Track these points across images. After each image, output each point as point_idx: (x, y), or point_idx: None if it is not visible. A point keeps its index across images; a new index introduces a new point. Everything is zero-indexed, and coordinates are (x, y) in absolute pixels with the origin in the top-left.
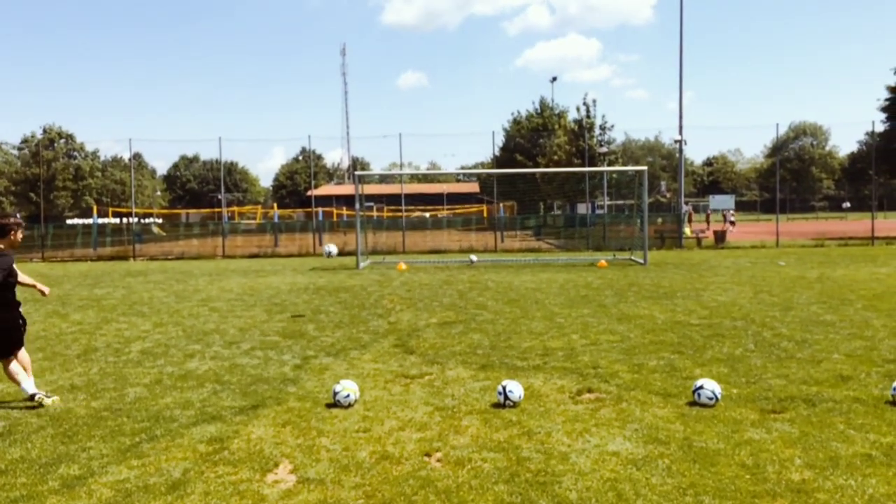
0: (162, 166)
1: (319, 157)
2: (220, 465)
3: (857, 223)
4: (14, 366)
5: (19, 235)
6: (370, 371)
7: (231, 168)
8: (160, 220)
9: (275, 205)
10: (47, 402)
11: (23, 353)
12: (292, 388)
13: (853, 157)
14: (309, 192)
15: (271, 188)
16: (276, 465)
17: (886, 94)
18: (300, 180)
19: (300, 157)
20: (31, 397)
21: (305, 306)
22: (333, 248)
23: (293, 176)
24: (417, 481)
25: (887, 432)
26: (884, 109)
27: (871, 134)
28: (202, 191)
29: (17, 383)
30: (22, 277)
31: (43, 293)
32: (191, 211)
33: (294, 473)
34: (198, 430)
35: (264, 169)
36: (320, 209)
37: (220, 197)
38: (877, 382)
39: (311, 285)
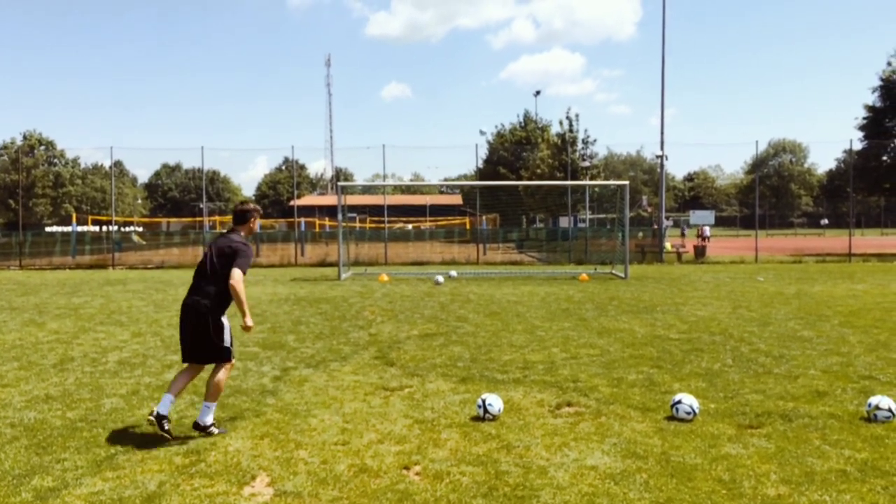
0: (143, 174)
1: (303, 168)
2: (197, 478)
3: (834, 240)
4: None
5: (257, 224)
6: (350, 383)
7: (213, 177)
8: (140, 229)
9: None
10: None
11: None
12: (271, 399)
13: (831, 175)
14: (291, 202)
15: (254, 198)
16: (254, 477)
17: (864, 113)
18: (283, 190)
19: (283, 168)
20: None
21: (286, 317)
22: (440, 278)
23: (276, 186)
24: (396, 495)
25: (862, 448)
26: (862, 128)
27: (850, 152)
28: (184, 200)
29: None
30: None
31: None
32: (172, 220)
33: (271, 486)
34: (174, 442)
35: (247, 178)
36: (303, 219)
37: (201, 206)
38: (852, 398)
39: (291, 296)
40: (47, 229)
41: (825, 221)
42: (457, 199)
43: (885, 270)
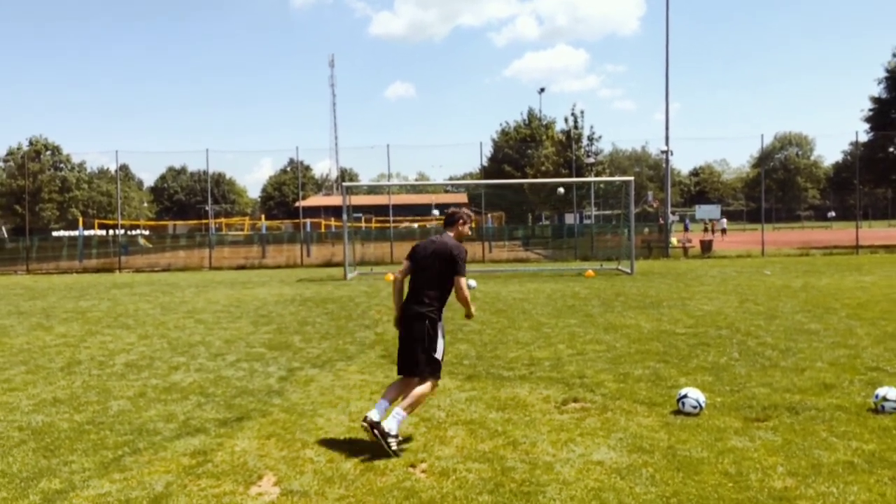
0: (149, 178)
1: (307, 169)
2: (204, 478)
3: (841, 232)
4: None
5: (467, 228)
6: (356, 382)
7: (219, 179)
8: (147, 232)
9: (262, 216)
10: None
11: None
12: (277, 399)
13: (838, 167)
14: (297, 204)
15: (259, 199)
16: (260, 477)
17: (870, 105)
18: (288, 191)
19: (288, 169)
20: (370, 421)
21: (292, 318)
22: (473, 283)
23: (281, 187)
24: (402, 492)
25: (869, 440)
26: (867, 120)
27: (856, 144)
28: (189, 202)
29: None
30: (465, 293)
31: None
32: (178, 222)
33: (278, 486)
34: (181, 442)
35: (252, 180)
36: (308, 220)
37: (207, 208)
38: (860, 390)
39: (298, 297)
40: (54, 234)
41: (832, 214)
42: (462, 198)
43: (892, 262)
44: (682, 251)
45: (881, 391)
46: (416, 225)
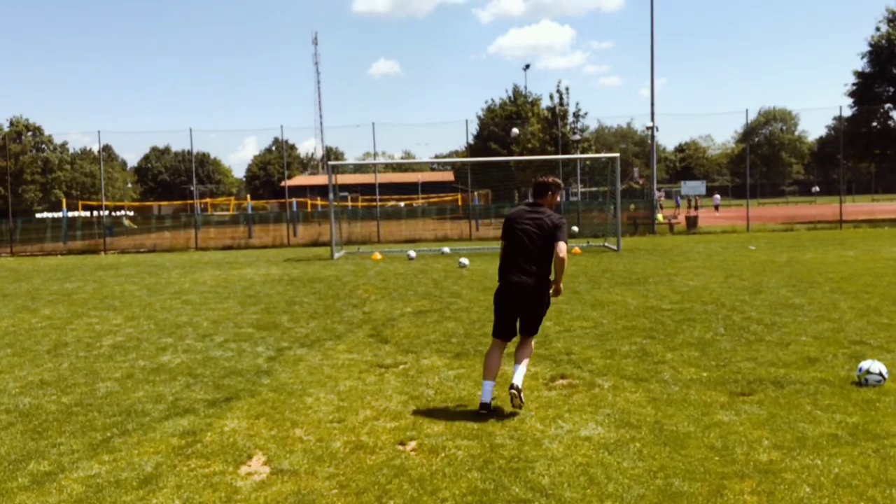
0: (133, 158)
1: (293, 148)
2: (193, 459)
3: (825, 207)
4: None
5: (557, 197)
6: (344, 361)
7: (203, 159)
8: (131, 213)
9: (248, 196)
10: None
11: (531, 346)
12: (266, 379)
13: (822, 142)
14: (283, 183)
15: (244, 179)
16: (250, 457)
17: (853, 79)
18: (273, 171)
19: (273, 148)
20: (484, 405)
21: (280, 298)
22: (465, 260)
23: (266, 166)
24: (391, 470)
25: (853, 412)
26: (851, 94)
27: (839, 119)
28: (174, 182)
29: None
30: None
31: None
32: (163, 203)
33: (268, 465)
34: (170, 423)
35: (237, 160)
36: (294, 199)
37: (192, 188)
38: (843, 364)
39: (285, 276)
40: (38, 216)
41: (816, 189)
42: (449, 176)
43: (875, 236)
44: (668, 227)
45: (864, 364)
46: (402, 203)
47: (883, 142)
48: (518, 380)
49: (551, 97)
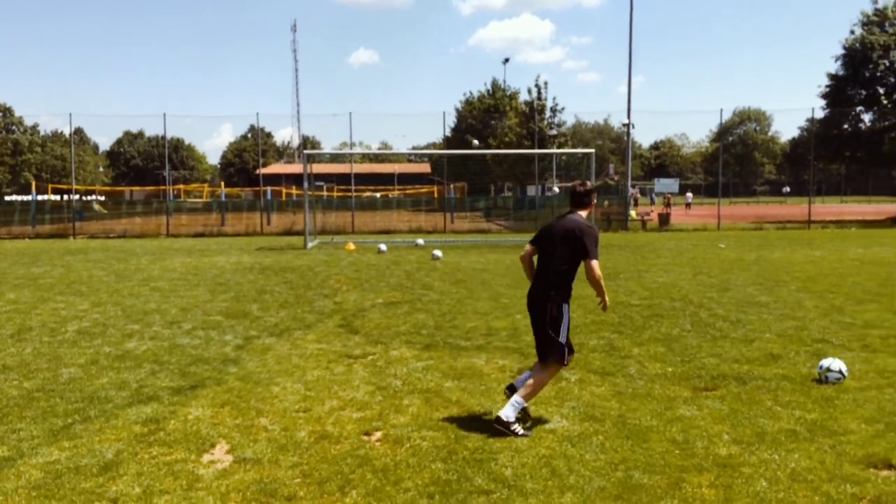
0: (105, 142)
1: (269, 136)
2: (155, 446)
3: (795, 207)
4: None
5: (594, 208)
6: (313, 351)
7: (177, 145)
8: (102, 198)
9: (222, 183)
10: None
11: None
12: (233, 368)
13: (794, 143)
14: (257, 171)
15: (219, 166)
16: (213, 445)
17: (827, 82)
18: (249, 158)
19: (249, 135)
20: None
21: (250, 286)
22: (438, 253)
23: (242, 154)
24: (355, 460)
25: (812, 409)
26: (824, 96)
27: (812, 120)
28: (147, 168)
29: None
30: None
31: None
32: (135, 188)
33: (231, 453)
34: (133, 410)
35: (212, 146)
36: (269, 188)
37: (165, 174)
38: (805, 361)
39: (256, 265)
40: (6, 198)
41: (787, 189)
42: (425, 168)
43: (842, 237)
44: (641, 224)
45: (825, 362)
46: (378, 194)
47: (853, 144)
48: (504, 411)
49: (529, 91)
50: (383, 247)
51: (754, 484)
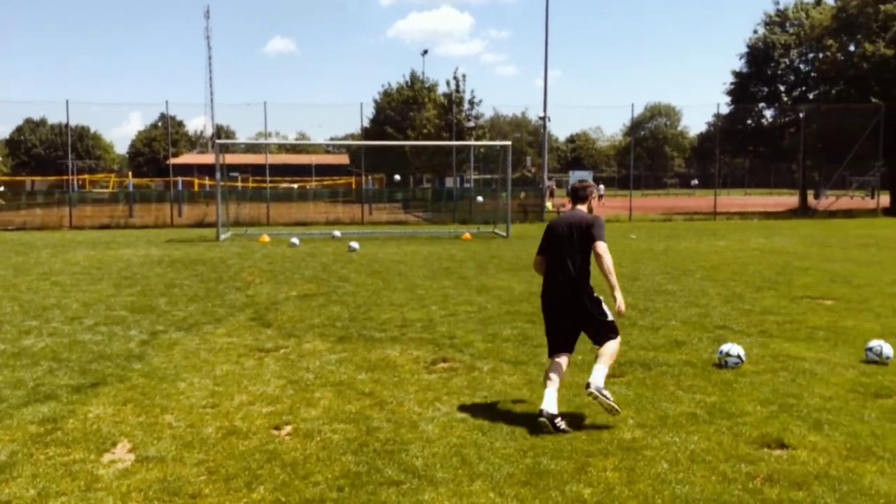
0: (4, 130)
1: (180, 125)
2: (52, 447)
3: (702, 199)
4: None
5: (595, 201)
6: (223, 345)
7: (82, 133)
8: (1, 188)
9: (130, 173)
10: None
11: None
12: (137, 364)
13: (702, 138)
14: (168, 161)
15: (127, 156)
16: (114, 444)
17: (732, 79)
18: (159, 148)
19: (159, 124)
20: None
21: (158, 280)
22: (355, 244)
23: (151, 143)
24: (264, 455)
25: (711, 392)
26: (729, 93)
27: (717, 116)
28: (49, 157)
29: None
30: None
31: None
32: (36, 178)
33: (133, 452)
34: (29, 410)
35: (120, 135)
36: (180, 178)
37: (68, 163)
38: (707, 347)
39: (165, 257)
40: None
41: (695, 182)
42: (343, 159)
43: (745, 227)
44: (557, 215)
45: (725, 347)
46: (295, 186)
47: (756, 139)
48: (595, 378)
49: (448, 84)
50: (296, 240)
51: (656, 466)
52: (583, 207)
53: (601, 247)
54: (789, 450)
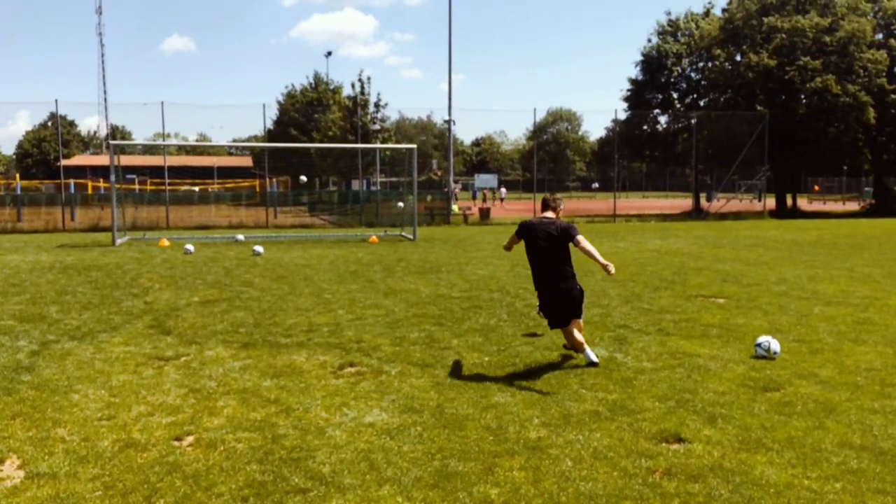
0: None
1: (72, 125)
2: None
3: (602, 202)
4: (578, 333)
5: (561, 209)
6: (119, 354)
7: None
8: None
9: (17, 175)
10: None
11: (580, 323)
12: (27, 376)
13: (601, 142)
14: (59, 162)
15: (14, 157)
16: (2, 461)
17: (628, 86)
18: (49, 149)
19: (49, 124)
20: (593, 363)
21: (49, 287)
22: (260, 248)
23: (41, 144)
24: (164, 467)
25: (613, 390)
26: (626, 99)
27: (615, 121)
28: None
29: (580, 348)
30: (588, 248)
31: (608, 271)
32: None
33: (22, 469)
34: None
35: (6, 135)
36: (72, 181)
37: None
38: (608, 345)
39: (57, 263)
40: None
41: (596, 185)
42: (246, 161)
43: (643, 229)
44: (463, 218)
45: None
46: (196, 188)
47: (652, 144)
48: (590, 355)
49: (353, 86)
50: (190, 247)
51: (560, 464)
52: (551, 215)
53: (582, 241)
54: (686, 444)
